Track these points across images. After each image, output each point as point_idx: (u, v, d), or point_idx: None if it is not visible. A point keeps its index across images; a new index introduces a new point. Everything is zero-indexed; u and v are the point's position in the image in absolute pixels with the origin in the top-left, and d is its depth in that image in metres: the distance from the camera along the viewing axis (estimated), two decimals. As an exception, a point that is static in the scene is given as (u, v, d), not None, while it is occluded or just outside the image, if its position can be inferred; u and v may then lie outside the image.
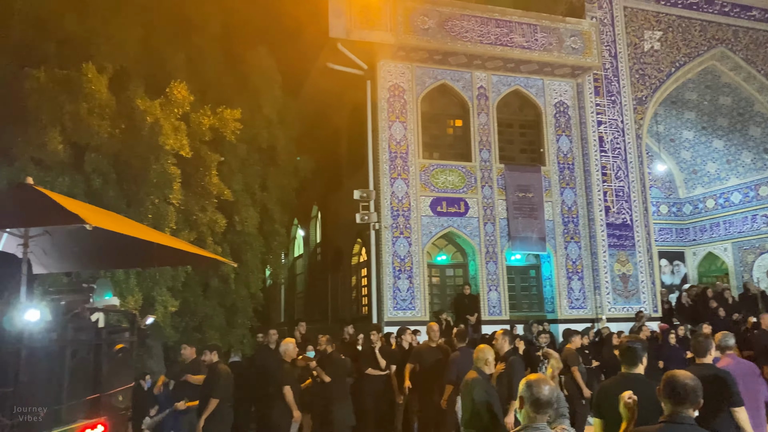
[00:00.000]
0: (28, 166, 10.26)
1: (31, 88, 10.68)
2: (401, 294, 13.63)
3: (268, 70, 14.04)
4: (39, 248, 5.36)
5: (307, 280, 20.25)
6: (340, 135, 17.33)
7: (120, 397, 5.58)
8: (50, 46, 11.46)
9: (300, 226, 20.80)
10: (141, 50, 12.31)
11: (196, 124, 11.92)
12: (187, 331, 12.53)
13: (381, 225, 13.75)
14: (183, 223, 11.64)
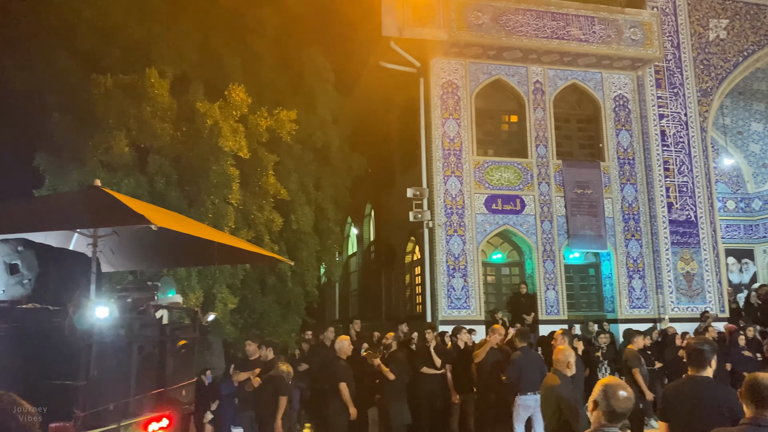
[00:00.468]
0: (96, 168, 10.71)
1: (98, 94, 11.13)
2: (456, 293, 13.54)
3: (322, 71, 14.19)
4: (107, 247, 5.58)
5: (361, 278, 20.38)
6: (393, 133, 17.35)
7: (183, 392, 5.75)
8: (115, 52, 11.93)
9: (353, 224, 20.95)
10: (200, 54, 12.66)
11: (254, 125, 12.16)
12: (246, 327, 12.80)
13: (434, 223, 13.69)
14: (241, 222, 11.91)
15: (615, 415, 2.99)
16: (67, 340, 4.42)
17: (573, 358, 5.60)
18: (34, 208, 5.68)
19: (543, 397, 5.50)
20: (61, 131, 11.45)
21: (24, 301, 4.80)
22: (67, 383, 4.31)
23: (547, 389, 5.43)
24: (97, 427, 4.51)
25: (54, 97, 11.86)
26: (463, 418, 9.97)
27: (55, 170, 11.17)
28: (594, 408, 3.04)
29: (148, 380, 5.25)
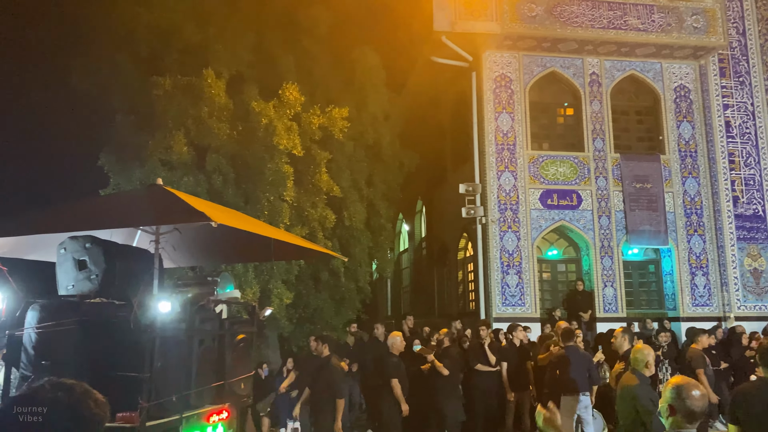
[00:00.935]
0: (157, 167, 11.07)
1: (157, 95, 11.50)
2: (510, 290, 13.36)
3: (374, 68, 14.23)
4: (168, 244, 5.73)
5: (413, 275, 20.37)
6: (444, 128, 17.24)
7: (242, 385, 5.86)
8: (173, 55, 12.28)
9: (405, 220, 20.95)
10: (254, 55, 12.90)
11: (307, 123, 12.31)
12: (301, 322, 13.00)
13: (488, 219, 13.53)
14: (296, 219, 12.08)
15: (694, 416, 2.88)
16: (132, 334, 4.56)
17: (652, 358, 5.36)
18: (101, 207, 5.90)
19: (619, 396, 5.33)
20: (124, 132, 11.89)
21: (91, 296, 4.98)
22: (132, 375, 4.45)
23: (624, 389, 5.23)
24: (161, 418, 4.65)
25: (116, 99, 12.32)
26: (518, 416, 9.84)
27: (118, 169, 11.61)
28: (671, 413, 2.92)
29: (208, 373, 5.36)
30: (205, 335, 5.37)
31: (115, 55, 12.03)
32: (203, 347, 5.31)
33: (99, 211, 5.45)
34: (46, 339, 4.74)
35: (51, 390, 1.41)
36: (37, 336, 4.77)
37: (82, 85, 12.33)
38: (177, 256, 6.38)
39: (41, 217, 5.38)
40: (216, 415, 5.27)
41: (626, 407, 5.10)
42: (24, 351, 4.80)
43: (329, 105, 12.82)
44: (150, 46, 12.14)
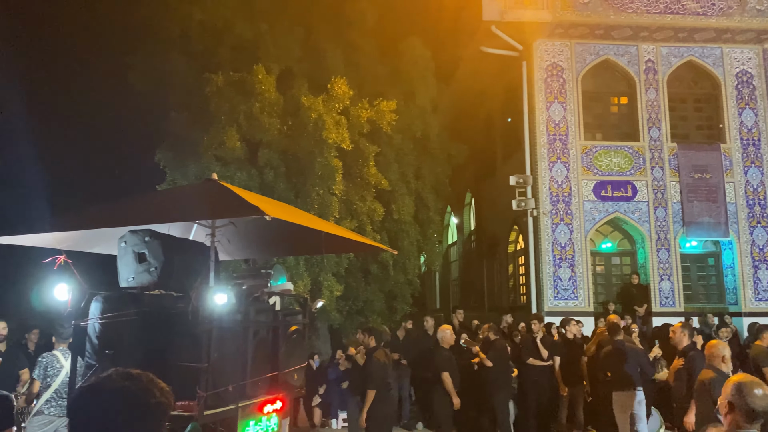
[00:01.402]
0: (211, 162, 11.33)
1: (210, 92, 11.75)
2: (562, 283, 13.11)
3: (422, 59, 14.15)
4: (224, 237, 5.85)
5: (462, 268, 20.24)
6: (494, 119, 17.02)
7: (295, 376, 5.95)
8: (225, 51, 12.52)
9: (453, 213, 20.82)
10: (303, 50, 13.02)
11: (355, 117, 12.35)
12: (351, 314, 13.11)
13: (539, 211, 13.31)
14: (345, 212, 12.17)
15: (755, 415, 2.76)
16: (190, 325, 4.68)
17: (728, 352, 5.21)
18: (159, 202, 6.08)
19: (697, 391, 5.20)
20: (179, 128, 12.20)
21: (151, 288, 5.13)
22: (190, 365, 4.57)
23: (702, 385, 5.12)
24: (218, 407, 4.76)
25: (171, 96, 12.65)
26: (572, 411, 9.67)
27: (174, 165, 11.93)
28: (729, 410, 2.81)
29: (263, 364, 5.46)
30: (259, 327, 5.47)
31: (170, 54, 12.35)
32: (258, 338, 5.41)
33: (157, 206, 5.61)
34: (109, 329, 4.92)
35: (118, 379, 1.46)
36: (101, 326, 4.96)
37: (139, 84, 12.71)
38: (231, 248, 6.51)
39: (103, 212, 5.58)
40: (270, 405, 5.36)
41: (706, 403, 4.96)
42: (88, 340, 5.00)
43: (377, 98, 12.83)
44: (203, 43, 12.40)
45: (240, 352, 5.11)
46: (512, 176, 13.50)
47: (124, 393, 1.43)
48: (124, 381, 1.45)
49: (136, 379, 1.47)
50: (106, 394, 1.44)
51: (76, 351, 5.13)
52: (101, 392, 1.44)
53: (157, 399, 1.45)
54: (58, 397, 7.03)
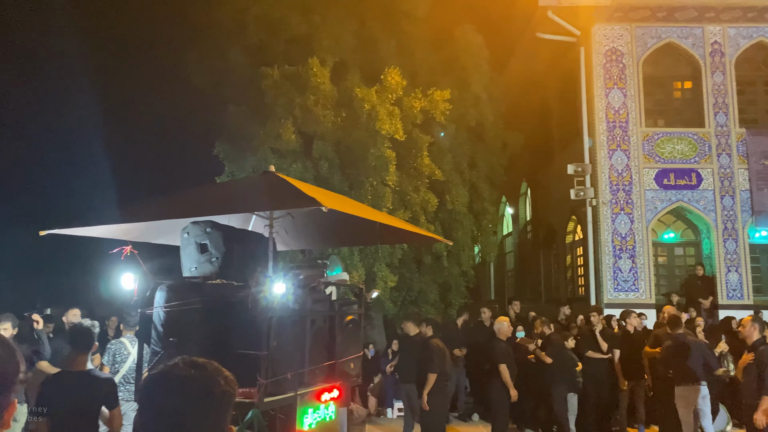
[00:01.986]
0: (267, 155, 11.53)
1: (266, 86, 11.93)
2: (622, 275, 12.76)
3: (476, 47, 13.93)
4: (281, 228, 5.96)
5: (517, 259, 19.97)
6: (551, 107, 16.66)
7: (351, 365, 6.02)
8: (280, 45, 12.68)
9: (508, 203, 20.52)
10: (356, 41, 13.04)
11: (408, 107, 12.30)
12: (405, 305, 13.14)
13: (598, 201, 12.96)
14: (398, 203, 12.17)
15: None
16: (250, 313, 4.79)
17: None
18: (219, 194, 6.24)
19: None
20: (236, 122, 12.46)
21: (212, 277, 5.27)
22: (250, 352, 4.68)
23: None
24: (277, 394, 4.86)
25: (228, 90, 12.91)
26: (632, 406, 9.43)
27: (232, 158, 12.20)
28: None
29: (320, 353, 5.55)
30: (316, 316, 5.54)
31: (227, 49, 12.60)
32: (315, 328, 5.49)
33: (218, 198, 5.76)
34: (173, 317, 5.08)
35: (185, 368, 1.49)
36: (165, 314, 5.13)
37: (198, 79, 13.03)
38: (289, 239, 6.62)
39: (166, 205, 5.76)
40: (327, 393, 5.45)
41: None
42: (154, 328, 5.17)
43: (431, 87, 12.74)
44: (258, 37, 12.59)
45: (298, 341, 5.20)
46: (570, 165, 13.19)
47: (190, 381, 1.47)
48: (190, 369, 1.49)
49: (202, 367, 1.51)
50: (173, 382, 1.47)
51: (142, 338, 5.32)
52: (168, 380, 1.48)
53: (222, 387, 1.49)
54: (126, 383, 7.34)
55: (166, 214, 5.50)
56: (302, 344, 5.24)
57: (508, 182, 16.53)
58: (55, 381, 4.45)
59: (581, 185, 13.13)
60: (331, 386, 5.52)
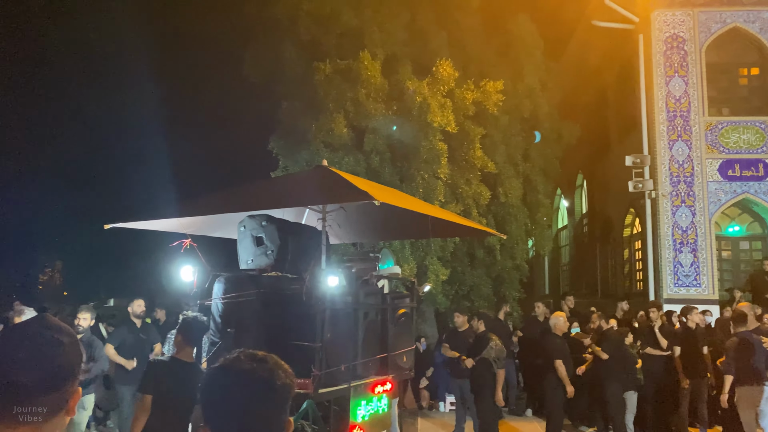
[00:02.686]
0: (320, 149, 11.65)
1: (318, 80, 12.04)
2: (683, 269, 12.32)
3: (530, 37, 13.67)
4: (334, 221, 6.02)
5: (573, 252, 19.56)
6: (608, 97, 16.21)
7: (404, 358, 6.04)
8: (332, 39, 12.76)
9: (564, 196, 20.10)
10: (408, 33, 12.99)
11: (460, 99, 12.20)
12: (457, 299, 13.07)
13: (658, 193, 12.55)
14: (450, 196, 12.09)
15: None
16: (304, 306, 4.87)
17: None
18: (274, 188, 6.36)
19: None
20: (289, 117, 12.64)
21: (268, 270, 5.38)
22: (305, 344, 4.75)
23: None
24: (331, 386, 4.93)
25: (282, 86, 13.10)
26: (694, 405, 9.11)
27: (286, 152, 12.38)
28: None
29: (373, 346, 5.59)
30: (369, 309, 5.58)
31: (280, 45, 12.77)
32: (368, 320, 5.53)
33: (273, 192, 5.87)
34: (230, 308, 5.21)
35: (246, 361, 1.54)
36: (223, 306, 5.26)
37: (253, 75, 13.27)
38: (341, 232, 6.68)
39: (223, 199, 5.91)
40: (380, 386, 5.48)
41: None
42: (212, 319, 5.32)
43: (483, 78, 12.58)
44: (311, 33, 12.70)
45: (351, 334, 5.25)
46: (628, 156, 12.80)
47: (252, 374, 1.51)
48: (251, 363, 1.53)
49: (262, 361, 1.55)
50: (235, 375, 1.52)
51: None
52: (231, 373, 1.53)
53: (282, 381, 1.52)
54: (186, 370, 7.60)
55: (223, 208, 5.64)
56: (355, 337, 5.29)
57: (563, 174, 16.18)
58: (165, 365, 4.94)
59: (640, 177, 12.74)
60: (384, 379, 5.56)
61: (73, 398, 1.47)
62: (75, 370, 1.49)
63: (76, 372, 1.49)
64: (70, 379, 1.46)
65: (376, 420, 5.43)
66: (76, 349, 1.50)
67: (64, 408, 1.45)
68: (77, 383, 1.50)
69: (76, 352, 1.50)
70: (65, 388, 1.44)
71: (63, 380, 1.44)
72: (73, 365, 1.48)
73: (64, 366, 1.45)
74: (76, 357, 1.50)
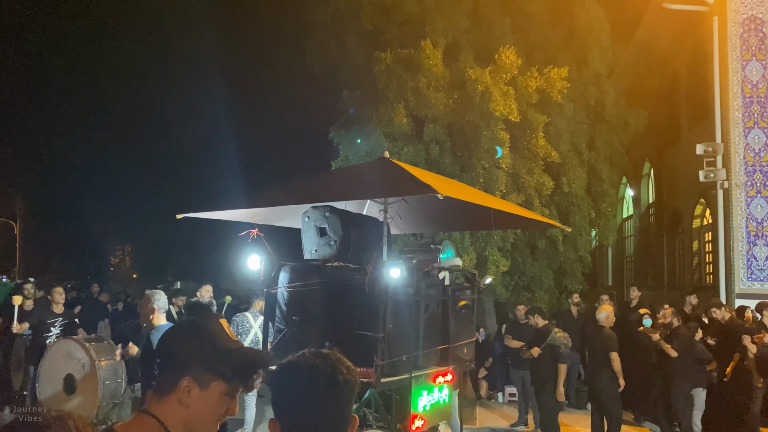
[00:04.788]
0: (380, 139, 11.70)
1: (379, 70, 12.08)
2: (758, 263, 11.77)
3: (597, 21, 13.23)
4: (395, 212, 6.08)
5: (638, 243, 18.96)
6: (679, 83, 15.54)
7: (465, 350, 6.06)
8: (393, 29, 12.76)
9: (629, 185, 19.46)
10: (469, 21, 12.84)
11: (523, 87, 11.98)
12: (517, 290, 12.94)
13: (731, 183, 11.99)
14: (511, 186, 11.95)
15: None
16: (367, 296, 4.95)
17: None
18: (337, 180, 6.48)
19: None
20: (350, 107, 12.75)
21: (331, 260, 5.49)
22: (368, 334, 4.85)
23: None
24: (393, 376, 5.01)
25: (344, 76, 13.22)
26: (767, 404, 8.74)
27: (347, 142, 12.51)
28: None
29: (434, 337, 5.64)
30: (430, 300, 5.63)
31: (342, 35, 12.88)
32: (429, 312, 5.58)
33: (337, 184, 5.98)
34: (295, 297, 5.36)
35: (311, 357, 1.62)
36: (288, 294, 5.42)
37: (315, 65, 13.45)
38: (401, 223, 6.72)
39: (288, 191, 6.07)
40: (441, 377, 5.53)
41: None
42: (278, 307, 5.49)
43: (547, 65, 12.30)
44: (372, 22, 12.73)
45: (413, 325, 5.31)
46: (699, 144, 12.26)
47: (316, 370, 1.58)
48: (315, 359, 1.61)
49: (326, 357, 1.62)
50: (300, 371, 1.60)
51: (268, 316, 5.65)
52: (296, 369, 1.61)
53: (344, 376, 1.59)
54: (251, 355, 7.87)
55: (288, 199, 5.79)
56: (417, 328, 5.35)
57: (629, 163, 15.66)
58: None
59: (712, 166, 12.19)
60: (445, 370, 5.60)
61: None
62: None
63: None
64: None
65: (437, 410, 5.49)
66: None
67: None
68: None
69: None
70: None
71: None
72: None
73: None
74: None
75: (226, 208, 6.00)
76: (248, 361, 1.70)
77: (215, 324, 1.70)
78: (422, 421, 5.14)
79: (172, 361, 1.64)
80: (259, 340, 7.37)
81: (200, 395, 1.60)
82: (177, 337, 1.68)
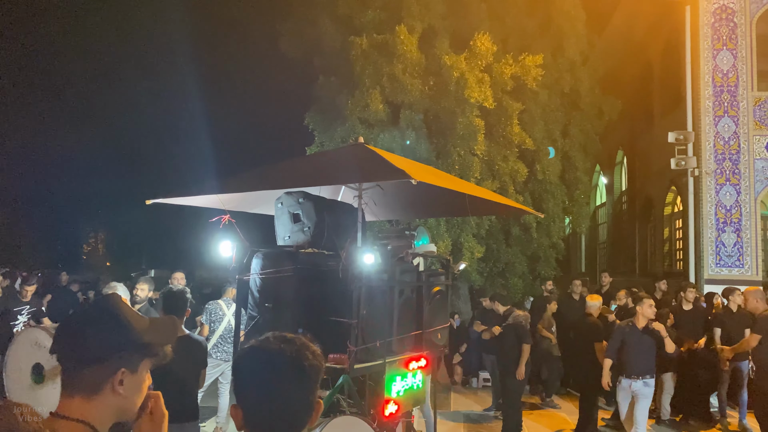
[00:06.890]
0: (356, 125, 11.63)
1: (355, 56, 11.97)
2: (726, 249, 12.02)
3: (572, 8, 13.28)
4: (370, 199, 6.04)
5: (611, 230, 19.24)
6: (652, 71, 15.72)
7: (439, 335, 6.07)
8: (369, 13, 12.64)
9: (603, 173, 19.71)
10: (445, 7, 12.77)
11: (499, 74, 11.99)
12: (492, 276, 13.03)
13: (701, 171, 12.20)
14: (486, 173, 11.99)
15: None
16: (341, 282, 4.92)
17: None
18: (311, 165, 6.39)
19: None
20: (326, 92, 12.63)
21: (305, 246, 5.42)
22: (341, 320, 4.82)
23: None
24: (367, 361, 4.99)
25: (318, 61, 13.07)
26: (733, 389, 8.95)
27: (322, 128, 12.41)
28: None
29: (408, 322, 5.62)
30: (404, 286, 5.60)
31: (318, 19, 12.72)
32: (403, 298, 5.56)
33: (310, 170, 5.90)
34: (268, 284, 5.30)
35: (275, 342, 1.58)
36: (261, 281, 5.35)
37: (290, 50, 13.28)
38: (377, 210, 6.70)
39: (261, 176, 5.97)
40: (415, 362, 5.53)
41: None
42: (250, 294, 5.42)
43: (522, 52, 12.32)
44: (348, 6, 12.60)
45: (387, 311, 5.29)
46: (671, 132, 12.45)
47: (279, 355, 1.55)
48: (280, 344, 1.58)
49: (290, 342, 1.59)
50: (265, 356, 1.56)
51: (240, 303, 5.59)
52: (261, 353, 1.58)
53: (309, 361, 1.56)
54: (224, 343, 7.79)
55: (261, 185, 5.70)
56: (391, 314, 5.33)
57: (603, 151, 15.84)
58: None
59: (683, 154, 12.39)
60: (419, 355, 5.60)
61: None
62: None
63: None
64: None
65: (410, 396, 5.49)
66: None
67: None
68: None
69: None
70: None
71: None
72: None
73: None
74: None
75: (197, 193, 5.88)
76: (165, 331, 1.66)
77: (122, 304, 1.60)
78: (396, 406, 5.14)
79: (95, 357, 1.51)
80: (232, 327, 7.30)
81: (133, 380, 1.55)
82: (96, 331, 1.52)
